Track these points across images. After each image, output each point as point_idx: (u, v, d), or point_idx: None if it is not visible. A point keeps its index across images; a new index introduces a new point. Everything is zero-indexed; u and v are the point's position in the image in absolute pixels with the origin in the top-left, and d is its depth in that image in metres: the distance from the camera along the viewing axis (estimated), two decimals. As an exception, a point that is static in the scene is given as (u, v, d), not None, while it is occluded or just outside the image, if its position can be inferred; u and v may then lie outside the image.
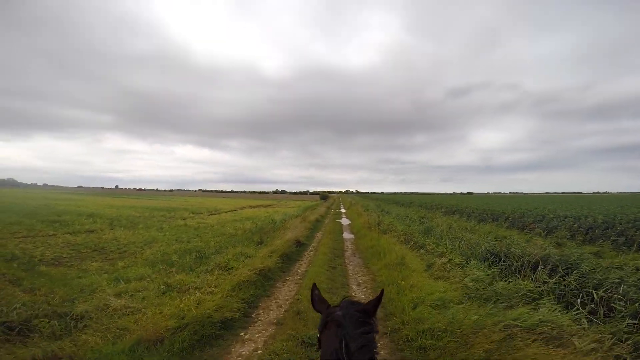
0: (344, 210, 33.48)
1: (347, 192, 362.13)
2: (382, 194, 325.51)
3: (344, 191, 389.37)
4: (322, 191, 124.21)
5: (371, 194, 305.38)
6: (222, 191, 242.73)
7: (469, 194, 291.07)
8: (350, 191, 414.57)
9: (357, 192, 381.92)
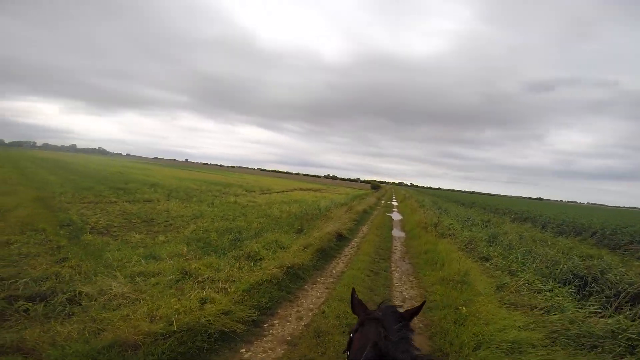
0: (395, 203, 31.42)
1: (400, 184, 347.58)
2: (439, 189, 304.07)
3: (397, 182, 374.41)
4: (374, 180, 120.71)
5: (427, 188, 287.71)
6: (277, 171, 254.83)
7: (539, 199, 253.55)
8: (404, 183, 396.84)
9: (412, 185, 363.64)
